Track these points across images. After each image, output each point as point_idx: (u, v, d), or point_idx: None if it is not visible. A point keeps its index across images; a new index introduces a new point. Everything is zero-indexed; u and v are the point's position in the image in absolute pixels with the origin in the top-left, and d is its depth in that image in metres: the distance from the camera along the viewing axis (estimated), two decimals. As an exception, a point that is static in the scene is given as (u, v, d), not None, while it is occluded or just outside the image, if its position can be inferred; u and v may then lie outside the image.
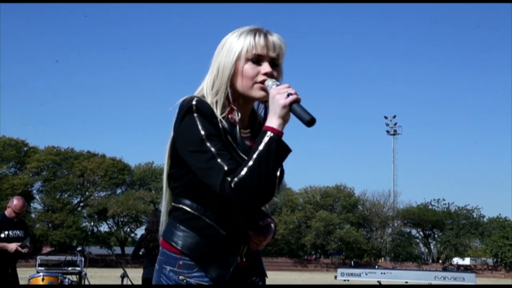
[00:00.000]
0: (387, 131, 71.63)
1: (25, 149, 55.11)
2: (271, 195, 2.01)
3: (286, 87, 1.93)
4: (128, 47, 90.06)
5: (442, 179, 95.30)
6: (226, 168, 1.87)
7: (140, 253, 7.97)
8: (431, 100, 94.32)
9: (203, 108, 1.95)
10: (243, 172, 1.85)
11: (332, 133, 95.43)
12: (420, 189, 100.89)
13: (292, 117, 1.93)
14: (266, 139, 1.87)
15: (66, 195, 55.93)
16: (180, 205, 2.03)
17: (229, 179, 1.85)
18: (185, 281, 1.96)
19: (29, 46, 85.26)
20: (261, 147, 1.87)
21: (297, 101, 1.91)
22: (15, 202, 7.54)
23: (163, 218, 2.15)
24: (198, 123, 1.93)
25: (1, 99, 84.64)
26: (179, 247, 1.98)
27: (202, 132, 1.92)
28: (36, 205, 55.93)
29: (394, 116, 71.18)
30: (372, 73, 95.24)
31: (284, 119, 1.91)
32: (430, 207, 62.59)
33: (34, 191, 55.44)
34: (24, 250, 7.37)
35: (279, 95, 1.91)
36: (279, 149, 1.88)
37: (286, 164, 2.13)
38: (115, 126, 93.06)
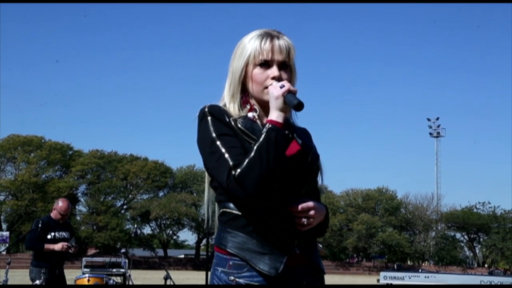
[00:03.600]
0: (430, 133, 70.64)
1: (70, 152, 56.26)
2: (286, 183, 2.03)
3: (282, 82, 2.02)
4: (167, 47, 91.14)
5: (487, 182, 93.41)
6: (231, 163, 1.94)
7: None
8: (474, 101, 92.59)
9: (214, 111, 2.07)
10: (244, 163, 1.92)
11: (374, 135, 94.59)
12: (465, 192, 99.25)
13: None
14: (264, 130, 1.96)
15: (109, 198, 56.84)
16: (223, 209, 2.07)
17: (233, 172, 1.92)
18: (234, 281, 1.98)
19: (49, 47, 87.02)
20: (261, 139, 1.94)
21: (290, 91, 1.98)
22: (60, 204, 7.71)
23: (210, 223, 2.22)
24: (210, 125, 2.04)
25: (47, 104, 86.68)
26: (227, 249, 2.02)
27: (213, 134, 2.02)
28: (81, 208, 57.10)
29: (437, 118, 70.18)
30: (415, 75, 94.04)
31: (281, 110, 1.99)
32: (475, 210, 61.42)
33: (79, 194, 56.60)
34: (70, 250, 7.53)
35: (273, 89, 2.01)
36: (277, 138, 1.94)
37: (328, 165, 2.17)
38: (157, 130, 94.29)
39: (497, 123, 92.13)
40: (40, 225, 7.50)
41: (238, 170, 1.91)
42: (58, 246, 7.44)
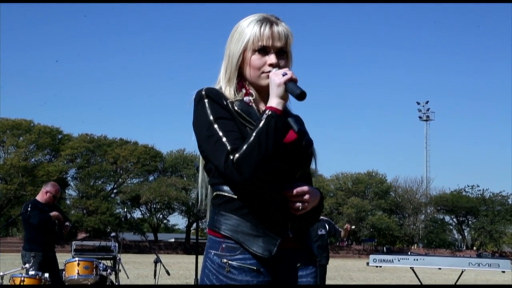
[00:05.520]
0: (420, 117, 70.91)
1: (60, 136, 55.93)
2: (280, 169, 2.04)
3: (284, 70, 2.02)
4: (155, 31, 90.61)
5: (476, 165, 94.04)
6: (229, 147, 1.94)
7: None
8: (463, 85, 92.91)
9: (212, 94, 2.06)
10: (243, 148, 1.92)
11: (363, 118, 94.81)
12: (454, 175, 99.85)
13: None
14: (264, 116, 1.96)
15: (99, 182, 56.73)
16: (216, 192, 2.08)
17: (231, 156, 1.92)
18: (227, 263, 1.99)
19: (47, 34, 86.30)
20: (260, 125, 1.95)
21: (292, 80, 1.98)
22: (55, 187, 7.83)
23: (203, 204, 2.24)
24: (208, 107, 2.03)
25: (37, 88, 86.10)
26: (221, 231, 2.03)
27: (211, 117, 2.01)
28: (71, 192, 56.97)
29: (427, 102, 70.43)
30: (404, 59, 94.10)
31: (282, 98, 1.99)
32: (464, 193, 61.85)
33: (69, 178, 56.37)
34: (63, 225, 7.63)
35: (275, 76, 2.01)
36: (277, 125, 1.95)
37: (318, 149, 2.21)
38: (147, 114, 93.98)
39: (487, 107, 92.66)
40: (29, 209, 7.52)
41: (237, 155, 1.91)
42: (54, 214, 7.59)
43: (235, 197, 2.02)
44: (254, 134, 1.93)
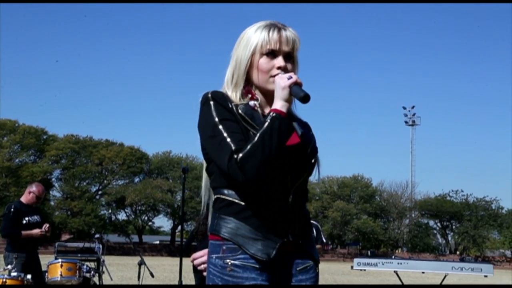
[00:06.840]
0: (406, 122, 71.35)
1: (45, 137, 55.58)
2: (283, 171, 2.06)
3: (290, 74, 2.05)
4: (145, 34, 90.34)
5: (461, 170, 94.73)
6: (234, 147, 1.96)
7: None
8: (449, 90, 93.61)
9: (217, 96, 2.09)
10: (247, 148, 1.94)
11: (350, 123, 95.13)
12: (438, 180, 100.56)
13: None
14: (269, 118, 1.99)
15: (84, 183, 56.40)
16: (216, 196, 2.11)
17: (235, 156, 1.94)
18: (230, 263, 2.01)
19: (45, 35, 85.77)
20: (264, 126, 1.98)
21: (297, 83, 2.01)
22: (37, 188, 7.72)
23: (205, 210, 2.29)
24: (213, 109, 2.06)
25: (19, 87, 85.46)
26: (220, 234, 2.05)
27: (216, 118, 2.04)
28: (55, 193, 56.56)
29: (413, 107, 70.94)
30: (390, 64, 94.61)
31: (286, 100, 2.02)
32: (448, 198, 62.29)
33: (53, 179, 56.01)
34: (46, 230, 7.59)
35: (280, 79, 2.04)
36: (281, 127, 1.97)
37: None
38: (133, 115, 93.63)
39: (473, 112, 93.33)
40: (12, 210, 7.46)
41: (240, 155, 1.94)
42: (36, 232, 7.46)
43: (235, 200, 2.04)
44: (258, 134, 1.95)
